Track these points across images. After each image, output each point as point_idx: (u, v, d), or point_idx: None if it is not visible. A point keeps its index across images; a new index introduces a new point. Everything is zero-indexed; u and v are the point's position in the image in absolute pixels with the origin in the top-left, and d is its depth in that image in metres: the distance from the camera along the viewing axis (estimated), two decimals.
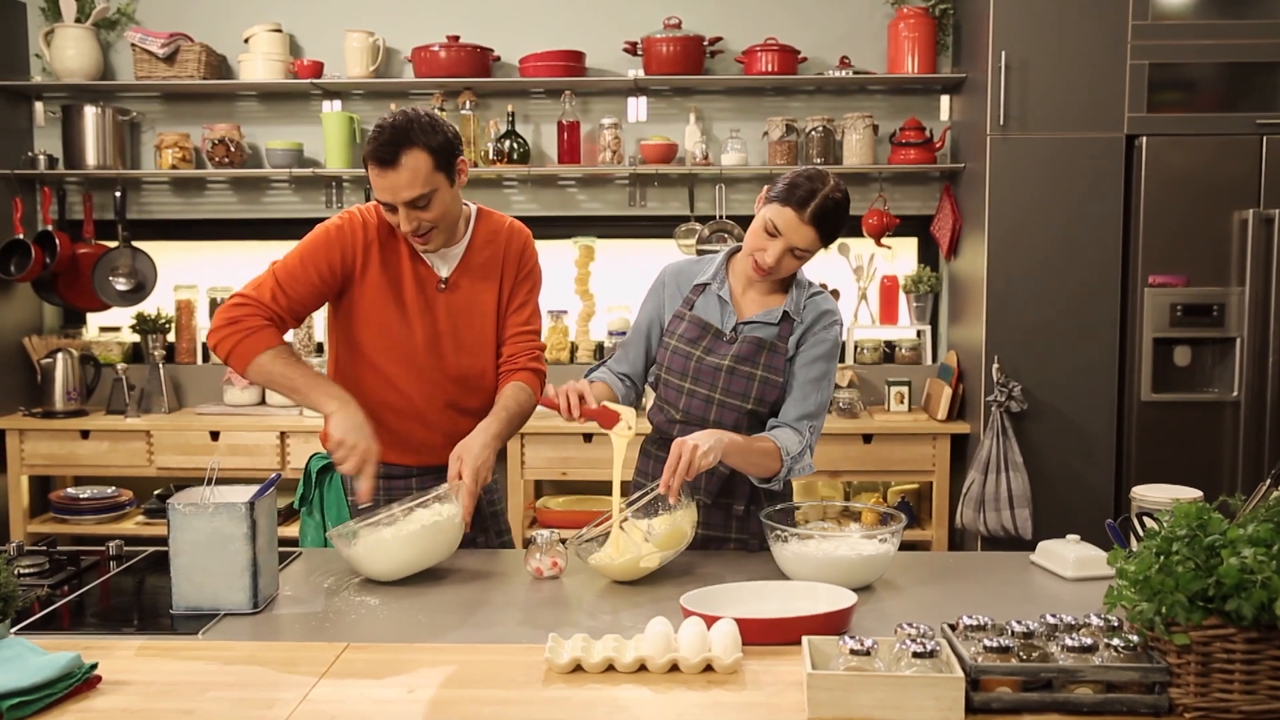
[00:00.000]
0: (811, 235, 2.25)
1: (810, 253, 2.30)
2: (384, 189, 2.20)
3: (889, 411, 4.28)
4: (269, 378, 2.27)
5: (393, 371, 2.36)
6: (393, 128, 2.19)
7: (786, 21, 4.41)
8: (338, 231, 2.33)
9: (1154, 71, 3.76)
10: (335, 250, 2.31)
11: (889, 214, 4.36)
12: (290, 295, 2.29)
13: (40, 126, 4.58)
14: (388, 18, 4.47)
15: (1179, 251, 3.76)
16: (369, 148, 2.20)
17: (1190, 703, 1.48)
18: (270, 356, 2.24)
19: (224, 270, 4.65)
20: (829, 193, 2.24)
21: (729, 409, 2.33)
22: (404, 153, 2.18)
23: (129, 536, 4.14)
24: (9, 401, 4.40)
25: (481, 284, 2.41)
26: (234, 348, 2.23)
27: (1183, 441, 3.79)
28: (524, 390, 2.40)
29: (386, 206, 2.24)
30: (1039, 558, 2.23)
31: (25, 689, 1.52)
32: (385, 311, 2.34)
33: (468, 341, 2.40)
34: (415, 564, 2.11)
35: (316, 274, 2.30)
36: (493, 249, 2.42)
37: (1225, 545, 1.47)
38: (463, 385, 2.42)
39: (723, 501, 2.38)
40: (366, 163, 2.22)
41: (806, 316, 2.37)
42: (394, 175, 2.18)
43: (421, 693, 1.61)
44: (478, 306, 2.41)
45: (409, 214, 2.23)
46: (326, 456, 2.44)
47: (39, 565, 2.19)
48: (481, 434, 2.26)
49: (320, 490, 2.48)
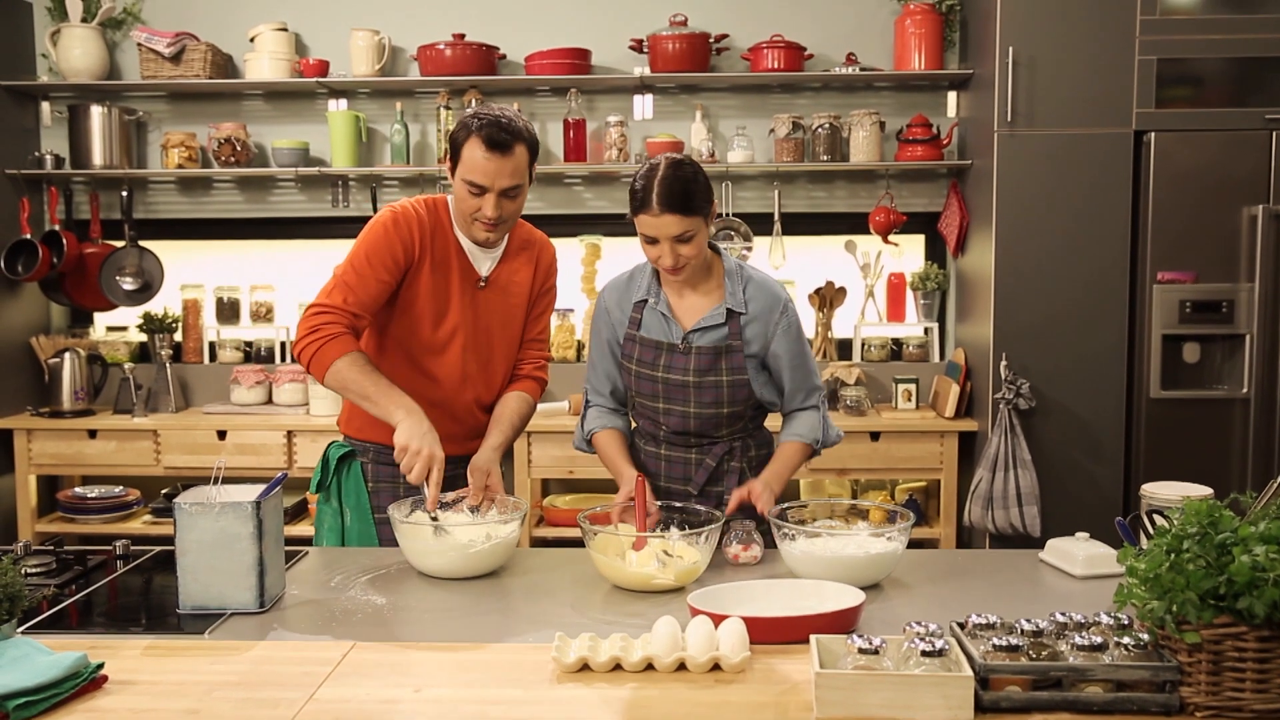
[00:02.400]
0: (675, 219, 2.23)
1: (693, 230, 2.26)
2: (489, 173, 2.26)
3: (896, 409, 4.27)
4: (344, 385, 2.29)
5: (430, 364, 2.41)
6: (509, 119, 2.28)
7: (793, 18, 4.39)
8: (394, 226, 2.35)
9: (1162, 67, 3.74)
10: (397, 244, 2.35)
11: (896, 211, 4.34)
12: (361, 295, 2.32)
13: (47, 126, 4.58)
14: (393, 16, 4.47)
15: (1188, 248, 3.75)
16: (485, 131, 2.25)
17: (1202, 701, 1.47)
18: (345, 364, 2.26)
19: (230, 269, 4.66)
20: (663, 175, 2.25)
21: (706, 418, 2.39)
22: (517, 143, 2.28)
23: (136, 536, 4.16)
24: (17, 401, 4.41)
25: (515, 286, 2.50)
26: (313, 357, 2.28)
27: (1192, 438, 3.77)
28: (526, 402, 2.53)
29: (475, 189, 2.28)
30: (1048, 556, 2.22)
31: (31, 689, 1.52)
32: (433, 304, 2.39)
33: (500, 339, 2.48)
34: (469, 572, 2.13)
35: (384, 269, 2.34)
36: (527, 254, 2.51)
37: (1237, 543, 1.46)
38: (488, 381, 2.49)
39: (711, 490, 2.42)
40: (461, 145, 2.28)
41: (753, 307, 2.37)
42: (504, 161, 2.26)
43: (428, 692, 1.60)
44: (511, 308, 2.49)
45: (499, 201, 2.29)
46: (345, 445, 2.48)
47: (46, 565, 2.19)
48: (494, 451, 2.41)
49: (339, 479, 2.49)
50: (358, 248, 2.36)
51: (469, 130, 2.28)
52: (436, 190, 4.52)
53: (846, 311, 4.54)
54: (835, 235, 4.55)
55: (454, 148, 2.33)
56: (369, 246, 2.34)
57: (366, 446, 2.48)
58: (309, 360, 2.28)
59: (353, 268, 2.34)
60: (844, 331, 4.56)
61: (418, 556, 2.13)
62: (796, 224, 4.51)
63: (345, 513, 2.47)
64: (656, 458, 2.48)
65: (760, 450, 2.48)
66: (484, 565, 2.13)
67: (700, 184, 2.27)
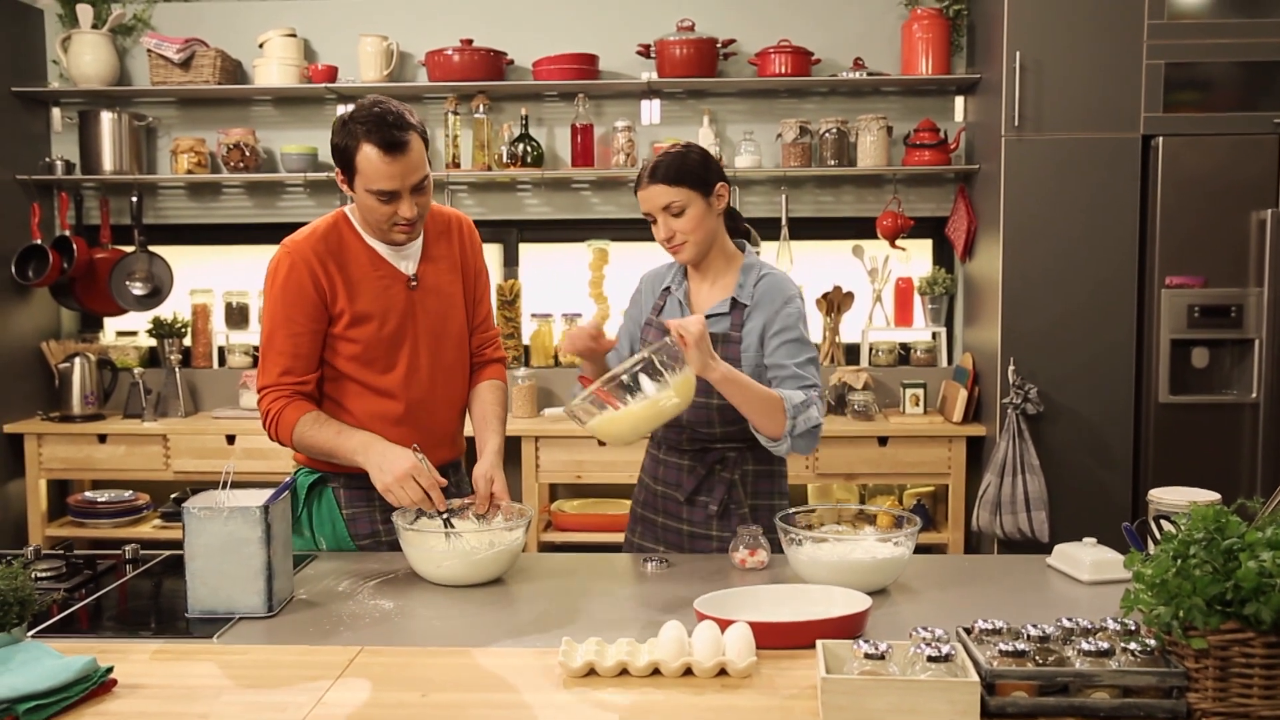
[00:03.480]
0: (661, 188, 2.30)
1: (682, 201, 2.30)
2: (394, 176, 2.16)
3: (904, 414, 4.26)
4: (309, 448, 2.30)
5: (385, 383, 2.33)
6: (393, 112, 2.15)
7: (800, 23, 4.40)
8: (292, 271, 2.25)
9: (1170, 71, 3.73)
10: (307, 284, 2.25)
11: (903, 215, 4.34)
12: (295, 358, 2.27)
13: (58, 132, 4.61)
14: (401, 22, 4.48)
15: (1196, 252, 3.74)
16: (375, 135, 2.12)
17: (1209, 708, 1.46)
18: (302, 429, 2.27)
19: (239, 274, 4.67)
20: (661, 156, 2.33)
21: (698, 406, 2.32)
22: (409, 135, 2.16)
23: (146, 540, 4.16)
24: (27, 406, 4.43)
25: (448, 276, 2.41)
26: (277, 435, 2.29)
27: (1201, 444, 3.76)
28: (500, 389, 2.48)
29: (384, 197, 2.18)
30: (1055, 561, 2.21)
31: (41, 692, 1.53)
32: (364, 327, 2.29)
33: (448, 334, 2.40)
34: (474, 579, 2.13)
35: (307, 318, 2.26)
36: (447, 240, 2.42)
37: (1244, 548, 1.45)
38: (449, 380, 2.42)
39: (699, 500, 2.42)
40: (353, 155, 2.15)
41: (759, 299, 2.38)
42: (405, 160, 2.16)
43: (435, 696, 1.61)
44: (449, 299, 2.41)
45: (412, 200, 2.21)
46: (313, 472, 2.42)
47: (56, 569, 2.20)
48: (495, 456, 2.34)
49: (309, 508, 2.41)
50: (270, 309, 2.27)
51: (356, 138, 2.15)
52: (445, 197, 4.53)
53: (854, 316, 4.54)
54: (843, 240, 4.55)
55: (344, 159, 2.18)
56: (283, 304, 2.25)
57: (335, 474, 2.39)
58: (276, 438, 2.30)
59: (276, 333, 2.27)
60: (852, 336, 4.56)
61: (422, 564, 2.13)
62: (804, 229, 4.51)
63: (320, 542, 2.41)
64: (655, 460, 2.51)
65: (757, 466, 2.43)
66: (489, 572, 2.13)
67: (693, 160, 2.32)
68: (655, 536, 2.51)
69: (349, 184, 2.23)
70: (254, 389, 4.36)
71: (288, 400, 2.27)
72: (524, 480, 4.15)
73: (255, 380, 2.38)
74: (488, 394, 2.46)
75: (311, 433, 2.26)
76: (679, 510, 2.45)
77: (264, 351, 2.30)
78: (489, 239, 4.41)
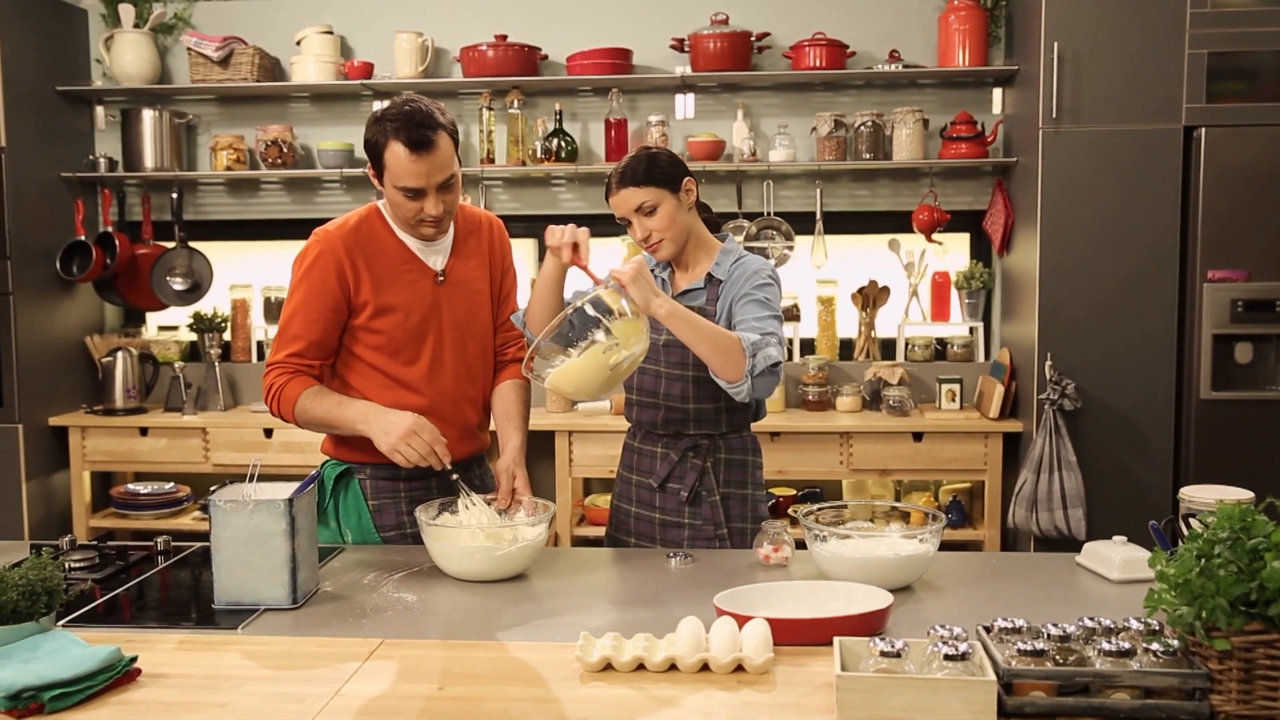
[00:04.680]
0: (630, 190, 2.37)
1: (653, 200, 2.36)
2: (420, 174, 2.19)
3: (940, 409, 4.22)
4: (310, 421, 2.32)
5: (408, 375, 2.35)
6: (423, 110, 2.19)
7: (834, 16, 4.36)
8: (318, 260, 2.29)
9: (1213, 61, 3.66)
10: (331, 276, 2.29)
11: (940, 209, 4.30)
12: (307, 343, 2.30)
13: (101, 130, 4.69)
14: (437, 18, 4.51)
15: (1239, 245, 3.66)
16: (403, 134, 2.16)
17: (1232, 710, 1.44)
18: (304, 402, 2.29)
19: (278, 270, 4.70)
20: (627, 161, 2.39)
21: (674, 379, 2.43)
22: (436, 134, 2.19)
23: (187, 532, 4.24)
24: (72, 399, 4.51)
25: (476, 272, 2.44)
26: (279, 410, 2.32)
27: (1243, 441, 3.68)
28: (523, 388, 2.50)
29: (410, 194, 2.22)
30: (1085, 559, 2.18)
31: (66, 680, 1.56)
32: (388, 318, 2.32)
33: (473, 330, 2.43)
34: (496, 574, 2.13)
35: (326, 309, 2.29)
36: (477, 238, 2.46)
37: (1269, 548, 1.42)
38: (471, 377, 2.44)
39: (670, 486, 2.46)
40: (382, 152, 2.19)
41: (734, 274, 2.42)
42: (431, 158, 2.19)
43: (452, 689, 1.62)
44: (476, 295, 2.44)
45: (438, 198, 2.24)
46: (340, 463, 2.45)
47: (89, 559, 2.24)
48: (517, 453, 2.36)
49: (336, 500, 2.44)
50: (292, 293, 2.32)
51: (385, 135, 2.19)
52: (479, 193, 4.55)
53: (890, 311, 4.51)
54: (878, 234, 4.52)
55: (375, 154, 2.23)
56: (304, 290, 2.29)
57: (362, 465, 2.42)
58: (278, 414, 2.32)
59: (294, 317, 2.30)
60: (888, 331, 4.52)
61: (444, 559, 2.14)
62: (839, 223, 4.48)
63: (346, 533, 2.43)
64: (631, 450, 2.56)
65: (731, 455, 2.46)
66: (512, 567, 2.13)
67: (660, 160, 2.38)
68: (628, 528, 2.54)
69: (379, 179, 2.27)
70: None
71: (291, 376, 2.30)
72: (557, 474, 4.16)
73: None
74: (510, 392, 2.49)
75: (312, 405, 2.29)
76: (652, 498, 2.49)
77: (279, 332, 2.34)
78: (523, 234, 4.44)
